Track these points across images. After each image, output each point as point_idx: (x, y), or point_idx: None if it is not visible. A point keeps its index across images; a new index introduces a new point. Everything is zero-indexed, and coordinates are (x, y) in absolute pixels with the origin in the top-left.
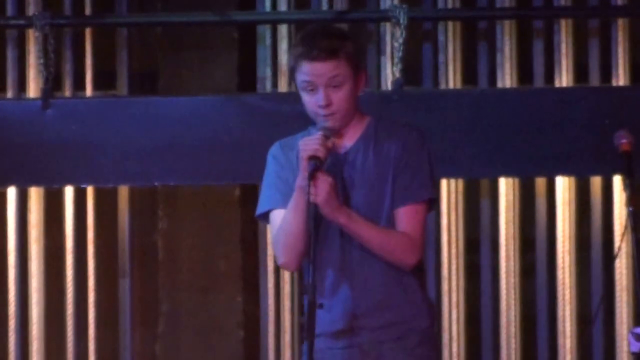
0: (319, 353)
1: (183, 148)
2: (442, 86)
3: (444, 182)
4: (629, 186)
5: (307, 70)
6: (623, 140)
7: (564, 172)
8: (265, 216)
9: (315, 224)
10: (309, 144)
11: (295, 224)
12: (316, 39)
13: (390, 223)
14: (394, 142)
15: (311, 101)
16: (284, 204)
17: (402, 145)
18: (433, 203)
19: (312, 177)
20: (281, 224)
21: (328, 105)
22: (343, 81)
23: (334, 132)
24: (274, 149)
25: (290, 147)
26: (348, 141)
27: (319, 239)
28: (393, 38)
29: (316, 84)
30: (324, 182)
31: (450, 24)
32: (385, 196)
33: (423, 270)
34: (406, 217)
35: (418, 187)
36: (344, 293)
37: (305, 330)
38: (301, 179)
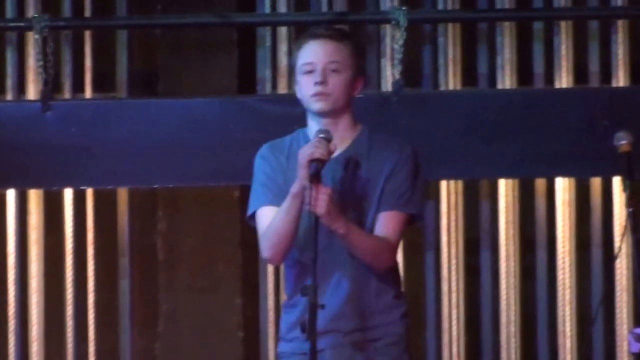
0: (294, 357)
1: (182, 150)
2: (442, 88)
3: (443, 183)
4: (629, 187)
5: (310, 49)
6: (623, 141)
7: (564, 173)
8: (252, 218)
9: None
10: (309, 147)
11: (286, 227)
12: (323, 27)
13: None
14: (387, 154)
15: (307, 82)
16: (272, 201)
17: (395, 158)
18: (414, 219)
19: (313, 179)
20: (271, 223)
21: (323, 82)
22: (342, 68)
23: (329, 131)
24: (263, 151)
25: (280, 150)
26: (339, 146)
27: (300, 243)
28: (393, 40)
29: (315, 64)
30: (323, 194)
31: (450, 25)
32: (372, 205)
33: (397, 271)
34: (388, 221)
35: (403, 198)
36: (321, 297)
37: (308, 331)
38: (296, 187)
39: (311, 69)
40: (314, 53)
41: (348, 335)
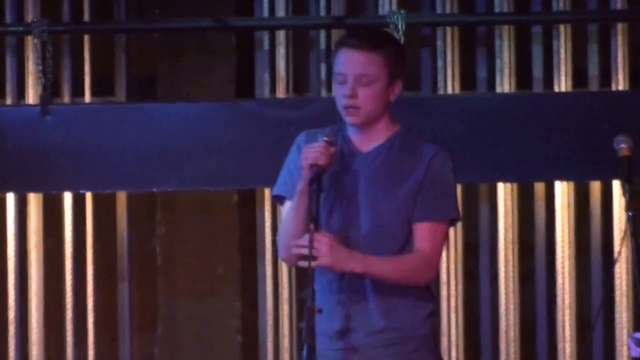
0: (323, 353)
1: (181, 154)
2: (441, 91)
3: None
4: (628, 191)
5: (342, 58)
6: (622, 145)
7: (563, 177)
8: (277, 198)
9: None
10: (310, 151)
11: (294, 227)
12: (362, 32)
13: (393, 229)
14: (419, 156)
15: (339, 92)
16: (292, 196)
17: (429, 162)
18: (453, 221)
19: (311, 183)
20: (283, 222)
21: (352, 96)
22: (374, 80)
23: (358, 133)
24: (300, 138)
25: (315, 140)
26: (372, 143)
27: None
28: None
29: (347, 76)
30: (323, 244)
31: (448, 29)
32: (395, 202)
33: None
34: (426, 233)
35: (442, 206)
36: (342, 296)
37: (305, 335)
38: (300, 185)
39: (343, 80)
40: (346, 64)
41: (368, 336)
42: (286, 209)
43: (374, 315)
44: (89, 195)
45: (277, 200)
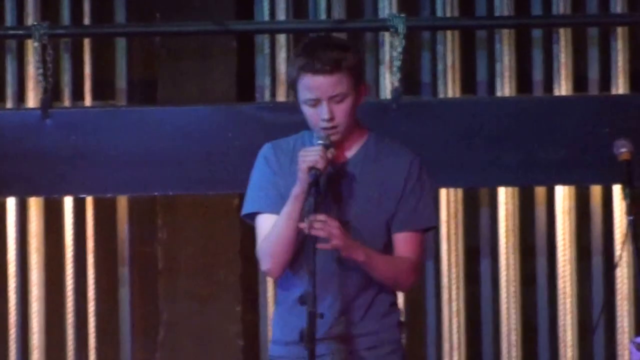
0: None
1: (182, 157)
2: (441, 95)
3: (443, 191)
4: (629, 195)
5: (310, 84)
6: (623, 149)
7: (564, 180)
8: (250, 216)
9: (303, 235)
10: (308, 155)
11: (286, 233)
12: (319, 51)
13: (377, 237)
14: (397, 164)
15: (313, 114)
16: (270, 208)
17: (406, 171)
18: (431, 228)
19: (311, 187)
20: (270, 232)
21: (331, 119)
22: (346, 95)
23: (334, 143)
24: (266, 150)
25: (283, 151)
26: (347, 152)
27: (300, 249)
28: (391, 47)
29: (319, 99)
30: (335, 227)
31: (449, 33)
32: (378, 211)
33: None
34: (408, 242)
35: (420, 216)
36: (319, 302)
37: (305, 339)
38: (297, 188)
39: (315, 103)
40: (316, 90)
41: (346, 342)
42: (263, 221)
43: (355, 321)
44: (89, 199)
45: (248, 218)
